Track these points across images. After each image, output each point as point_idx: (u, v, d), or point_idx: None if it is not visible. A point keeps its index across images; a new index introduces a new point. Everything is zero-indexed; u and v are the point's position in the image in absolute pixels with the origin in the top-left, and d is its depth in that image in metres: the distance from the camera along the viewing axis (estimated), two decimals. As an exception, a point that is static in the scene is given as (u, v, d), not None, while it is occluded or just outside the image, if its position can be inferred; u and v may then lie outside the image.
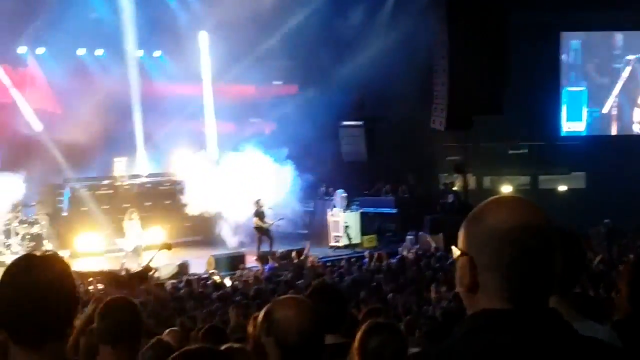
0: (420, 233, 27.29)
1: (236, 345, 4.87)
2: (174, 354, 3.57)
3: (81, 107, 29.62)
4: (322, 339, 3.72)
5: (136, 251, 24.50)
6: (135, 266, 23.52)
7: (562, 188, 34.23)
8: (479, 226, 2.60)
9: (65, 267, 3.20)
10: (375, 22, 29.94)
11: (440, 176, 33.31)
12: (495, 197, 2.71)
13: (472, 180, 32.34)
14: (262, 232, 26.62)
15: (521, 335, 2.50)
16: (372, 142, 30.72)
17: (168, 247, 22.49)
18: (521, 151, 33.69)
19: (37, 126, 29.01)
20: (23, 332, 3.06)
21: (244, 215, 27.40)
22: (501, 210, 2.59)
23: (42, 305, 3.06)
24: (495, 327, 2.52)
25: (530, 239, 2.53)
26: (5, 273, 3.16)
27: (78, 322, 5.05)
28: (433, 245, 25.38)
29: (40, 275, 3.10)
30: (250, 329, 6.27)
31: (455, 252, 2.64)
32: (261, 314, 3.73)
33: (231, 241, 28.50)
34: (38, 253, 3.24)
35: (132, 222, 24.84)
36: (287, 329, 3.56)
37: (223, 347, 4.70)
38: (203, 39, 31.06)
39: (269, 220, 26.77)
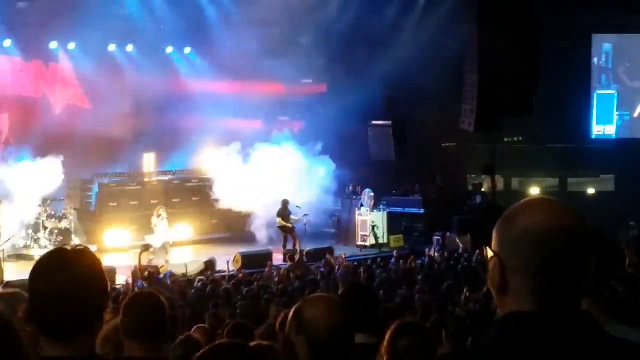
0: (448, 234, 27.22)
1: (265, 342, 4.85)
2: (203, 350, 3.56)
3: (110, 103, 29.75)
4: (352, 338, 3.71)
5: (164, 247, 24.57)
6: (162, 262, 23.66)
7: (591, 191, 34.06)
8: (509, 227, 2.59)
9: (96, 261, 3.21)
10: (406, 21, 29.88)
11: (469, 177, 33.19)
12: (528, 198, 2.70)
13: (500, 182, 32.22)
14: (287, 231, 26.68)
15: (552, 338, 2.48)
16: (400, 142, 30.64)
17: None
18: (550, 153, 33.52)
19: (66, 121, 29.11)
20: (53, 326, 3.07)
21: (274, 211, 27.39)
22: (532, 212, 2.58)
23: (72, 300, 3.06)
24: (526, 331, 2.51)
25: (560, 241, 2.52)
26: (37, 267, 3.17)
27: (108, 317, 5.02)
28: (461, 246, 25.30)
29: (71, 269, 3.11)
30: (277, 325, 6.28)
31: (489, 253, 2.64)
32: (291, 312, 3.73)
33: (261, 237, 28.57)
34: (69, 247, 3.24)
35: (159, 219, 24.93)
36: (317, 327, 3.56)
37: (252, 344, 4.69)
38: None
39: (294, 217, 26.76)
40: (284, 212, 26.78)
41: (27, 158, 26.80)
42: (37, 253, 24.96)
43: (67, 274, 3.09)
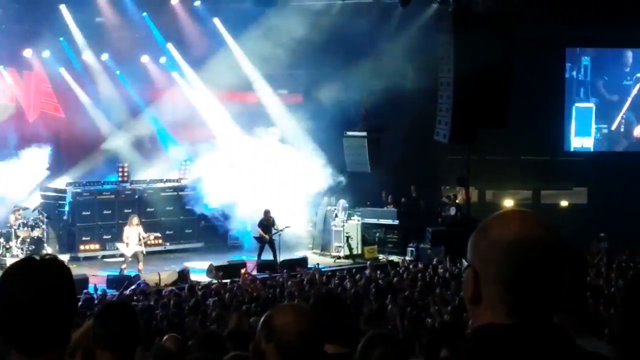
0: (422, 245, 27.35)
1: (244, 354, 4.84)
2: None
3: (84, 111, 29.75)
4: (322, 347, 3.71)
5: (136, 256, 24.50)
6: (135, 272, 23.60)
7: (564, 203, 34.22)
8: (483, 238, 2.59)
9: (66, 272, 3.11)
10: (382, 33, 29.92)
11: (443, 188, 33.28)
12: (502, 210, 2.71)
13: (474, 194, 32.32)
14: (265, 242, 26.65)
15: (524, 352, 2.48)
16: (375, 153, 30.70)
17: None
18: (524, 165, 33.65)
19: (40, 129, 29.07)
20: (21, 339, 2.98)
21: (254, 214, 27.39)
22: (506, 223, 2.58)
23: (41, 311, 2.97)
24: (498, 344, 2.51)
25: (533, 252, 2.52)
26: (4, 277, 3.07)
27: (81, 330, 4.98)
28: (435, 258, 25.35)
29: (39, 280, 3.01)
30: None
31: (464, 264, 2.65)
32: (261, 320, 3.72)
33: (236, 247, 28.61)
34: (37, 257, 3.17)
35: (132, 228, 24.82)
36: (287, 335, 3.55)
37: (229, 356, 4.69)
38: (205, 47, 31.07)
39: (278, 227, 26.71)
40: (266, 222, 26.75)
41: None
42: (9, 262, 24.84)
43: (34, 285, 2.99)
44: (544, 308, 2.54)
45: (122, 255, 24.96)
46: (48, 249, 25.67)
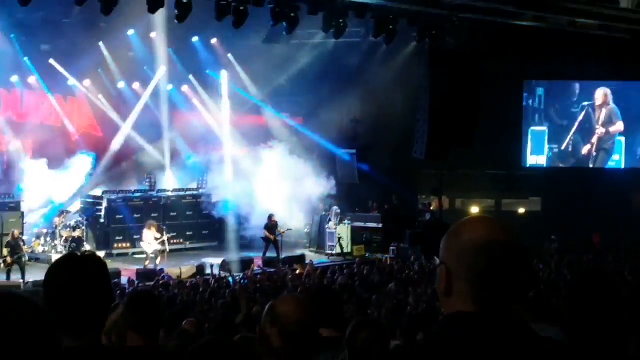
0: (402, 245, 27.33)
1: (250, 335, 4.83)
2: (197, 344, 3.58)
3: (119, 131, 29.76)
4: (317, 331, 3.71)
5: (156, 255, 24.55)
6: (152, 267, 23.66)
7: (522, 210, 34.19)
8: (456, 240, 2.60)
9: (102, 265, 3.19)
10: (369, 65, 30.01)
11: (420, 197, 33.27)
12: (470, 216, 2.72)
13: (446, 202, 32.31)
14: (270, 242, 26.69)
15: (488, 334, 2.49)
16: (363, 167, 30.76)
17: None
18: (488, 178, 33.65)
19: (82, 145, 29.12)
20: (64, 320, 3.02)
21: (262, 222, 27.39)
22: (475, 227, 2.60)
23: (82, 298, 3.04)
24: (466, 327, 2.52)
25: (499, 252, 2.54)
26: (51, 270, 3.15)
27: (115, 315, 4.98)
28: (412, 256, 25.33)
29: (81, 271, 3.09)
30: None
31: (437, 261, 2.66)
32: (266, 308, 3.72)
33: (245, 246, 28.62)
34: (79, 253, 3.23)
35: (150, 231, 24.90)
36: (288, 320, 3.56)
37: (237, 337, 4.68)
38: (224, 76, 31.09)
39: (281, 229, 26.77)
40: (270, 225, 26.79)
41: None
42: (54, 258, 24.83)
43: (76, 276, 3.07)
44: (505, 299, 2.56)
45: (146, 252, 24.97)
46: (87, 247, 25.64)
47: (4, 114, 28.21)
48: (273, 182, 28.80)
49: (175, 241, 27.08)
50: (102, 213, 27.95)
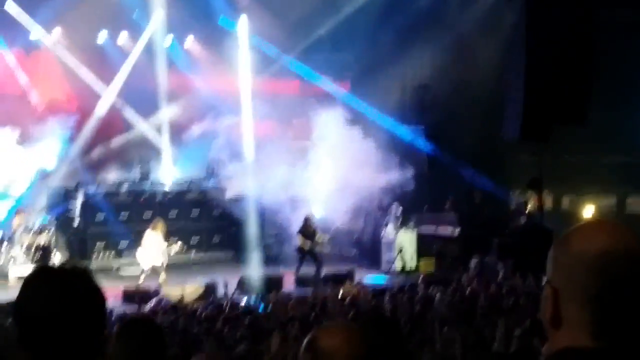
0: (487, 258, 27.24)
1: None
2: None
3: (99, 101, 29.95)
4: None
5: (155, 269, 24.51)
6: (154, 285, 23.71)
7: (654, 212, 33.95)
8: (564, 252, 2.62)
9: (96, 284, 3.21)
10: (441, 15, 29.88)
11: (512, 193, 33.11)
12: (587, 220, 2.72)
13: (548, 200, 32.12)
14: (306, 253, 26.65)
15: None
16: (433, 150, 30.69)
17: None
18: (607, 168, 33.39)
19: (46, 121, 29.32)
20: (42, 353, 3.06)
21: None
22: (590, 235, 2.61)
23: (71, 327, 3.07)
24: None
25: (621, 268, 2.54)
26: (27, 287, 3.16)
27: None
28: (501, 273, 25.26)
29: (69, 292, 3.11)
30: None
31: (544, 280, 2.66)
32: (304, 342, 3.74)
33: (271, 257, 28.76)
34: (62, 265, 3.22)
35: (154, 235, 24.75)
36: (335, 359, 3.57)
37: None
38: (242, 25, 31.17)
39: (321, 236, 26.73)
40: (306, 230, 26.72)
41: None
42: (13, 272, 25.11)
43: (64, 298, 3.09)
44: (631, 330, 2.56)
45: (139, 265, 25.02)
46: (56, 258, 25.83)
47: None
48: (311, 172, 28.88)
49: (177, 251, 27.13)
50: (77, 212, 28.18)
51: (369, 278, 26.26)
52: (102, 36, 30.46)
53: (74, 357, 3.08)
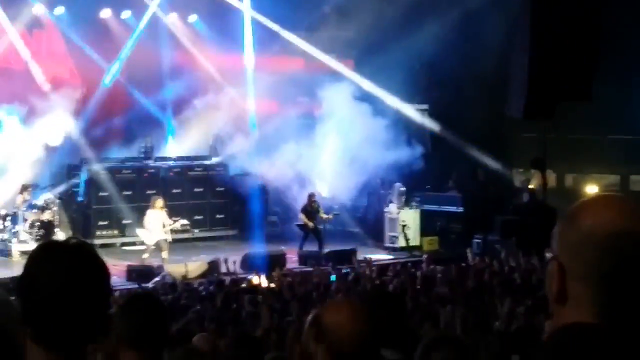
0: (490, 236, 27.24)
1: (282, 354, 4.89)
2: None
3: (103, 78, 29.91)
4: (379, 350, 3.73)
5: (159, 245, 24.48)
6: (158, 262, 23.72)
7: (658, 190, 33.89)
8: (572, 228, 2.58)
9: (100, 259, 3.16)
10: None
11: (515, 171, 33.07)
12: (595, 195, 2.69)
13: (551, 178, 32.07)
14: (309, 230, 26.71)
15: (614, 354, 2.49)
16: (436, 128, 30.67)
17: None
18: (611, 146, 33.31)
19: (51, 98, 29.29)
20: (42, 330, 3.03)
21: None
22: (600, 211, 2.57)
23: (66, 302, 3.02)
24: (584, 344, 2.51)
25: (631, 247, 2.51)
26: (30, 263, 3.11)
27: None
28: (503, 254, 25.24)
29: (73, 267, 3.06)
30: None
31: (548, 256, 2.64)
32: (309, 318, 3.73)
33: (275, 234, 28.79)
34: (65, 240, 3.19)
35: (156, 212, 24.72)
36: (340, 334, 3.56)
37: (270, 357, 4.75)
38: (246, 1, 31.11)
39: (324, 214, 26.78)
40: (310, 208, 26.76)
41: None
42: (16, 249, 25.14)
43: (68, 273, 3.04)
44: (638, 309, 2.53)
45: (143, 243, 25.03)
46: (60, 234, 25.85)
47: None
48: (313, 149, 28.86)
49: (179, 229, 27.09)
50: (81, 189, 28.18)
51: (373, 255, 26.23)
52: (106, 13, 30.36)
53: (78, 334, 3.07)
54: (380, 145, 28.96)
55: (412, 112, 31.09)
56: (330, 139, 29.26)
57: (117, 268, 23.11)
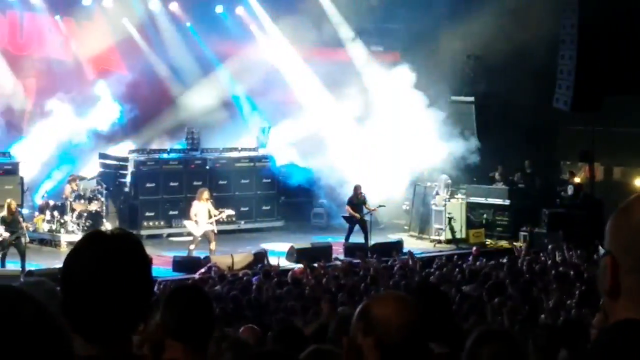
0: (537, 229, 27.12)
1: (325, 347, 4.85)
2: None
3: (150, 69, 30.02)
4: (427, 344, 3.69)
5: (207, 236, 24.51)
6: (204, 253, 23.77)
7: None
8: (626, 221, 2.55)
9: (143, 250, 3.16)
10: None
11: (563, 164, 32.88)
12: None
13: (599, 171, 31.86)
14: (355, 222, 26.67)
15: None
16: (484, 121, 30.52)
17: None
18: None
19: (98, 89, 29.51)
20: (90, 325, 3.02)
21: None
22: None
23: (115, 295, 3.01)
24: (637, 343, 2.47)
25: None
26: (73, 253, 3.10)
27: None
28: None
29: (115, 258, 3.05)
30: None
31: (601, 251, 2.61)
32: (357, 311, 3.71)
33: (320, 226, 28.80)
34: (110, 231, 3.18)
35: (202, 203, 24.73)
36: (388, 327, 3.54)
37: (310, 349, 4.71)
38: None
39: (370, 206, 26.75)
40: (356, 199, 26.72)
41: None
42: (64, 239, 25.29)
43: (104, 262, 3.03)
44: None
45: (190, 234, 25.09)
46: (107, 225, 25.96)
47: (-1, 44, 28.79)
48: (361, 140, 28.82)
49: (225, 220, 27.11)
50: (128, 180, 28.32)
51: (418, 249, 26.17)
52: (154, 5, 30.46)
53: (118, 326, 3.06)
54: (431, 137, 28.94)
55: (460, 103, 30.95)
56: (379, 131, 29.23)
57: (163, 259, 23.26)
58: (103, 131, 29.06)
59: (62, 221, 26.20)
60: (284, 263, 23.58)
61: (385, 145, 29.17)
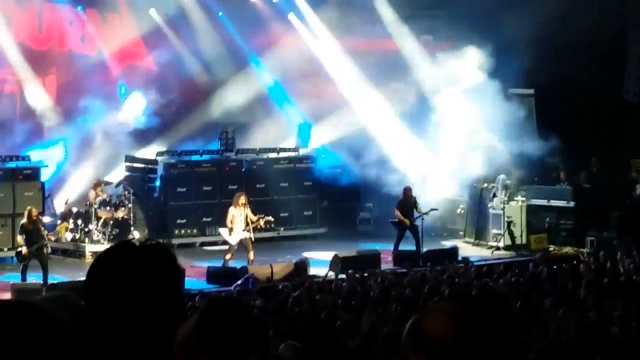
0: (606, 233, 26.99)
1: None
2: None
3: (180, 65, 30.15)
4: (485, 358, 3.70)
5: (244, 245, 24.50)
6: (241, 263, 23.81)
7: None
8: None
9: (174, 262, 3.15)
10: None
11: (634, 162, 32.68)
12: None
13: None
14: (406, 228, 26.56)
15: None
16: (545, 115, 30.41)
17: None
18: None
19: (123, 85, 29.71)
20: (114, 340, 3.02)
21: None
22: None
23: (142, 310, 3.02)
24: None
25: None
26: (97, 264, 3.11)
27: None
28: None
29: (143, 270, 3.05)
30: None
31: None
32: (407, 326, 3.72)
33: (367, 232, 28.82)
34: (138, 241, 3.17)
35: (239, 209, 24.70)
36: (442, 343, 3.55)
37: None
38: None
39: (422, 210, 26.66)
40: (406, 203, 26.57)
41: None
42: (89, 249, 25.42)
43: (133, 275, 3.03)
44: None
45: (225, 242, 25.12)
46: (135, 234, 26.08)
47: (17, 39, 28.88)
48: (414, 139, 28.81)
49: (263, 226, 27.13)
50: (157, 184, 28.42)
51: (474, 256, 26.12)
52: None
53: (144, 343, 3.05)
54: (491, 135, 28.95)
55: (519, 96, 30.87)
56: (430, 128, 29.24)
57: (196, 270, 23.31)
58: (129, 132, 29.13)
59: (86, 230, 26.34)
60: (323, 272, 23.53)
61: (438, 143, 29.08)
